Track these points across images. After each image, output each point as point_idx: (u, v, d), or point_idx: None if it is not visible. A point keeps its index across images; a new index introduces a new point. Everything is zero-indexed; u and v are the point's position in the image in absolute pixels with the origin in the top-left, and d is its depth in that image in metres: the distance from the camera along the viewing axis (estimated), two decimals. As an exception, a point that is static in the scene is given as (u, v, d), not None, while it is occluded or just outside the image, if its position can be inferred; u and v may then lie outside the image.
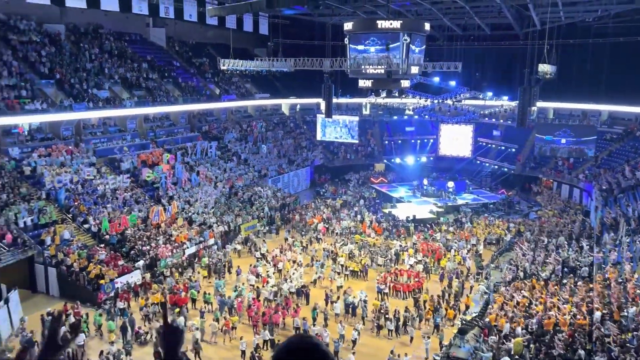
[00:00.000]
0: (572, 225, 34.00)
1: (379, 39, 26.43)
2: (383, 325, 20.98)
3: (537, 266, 26.10)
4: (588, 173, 41.21)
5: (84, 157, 31.71)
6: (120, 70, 38.77)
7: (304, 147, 50.02)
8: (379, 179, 48.91)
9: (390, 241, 32.04)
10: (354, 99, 49.34)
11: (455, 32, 44.70)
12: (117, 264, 24.57)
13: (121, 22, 41.90)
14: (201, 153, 39.16)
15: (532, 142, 47.11)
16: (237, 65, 35.36)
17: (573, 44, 42.45)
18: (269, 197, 37.96)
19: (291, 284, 24.21)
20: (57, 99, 32.54)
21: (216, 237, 30.39)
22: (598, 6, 35.60)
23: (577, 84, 41.59)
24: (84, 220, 27.37)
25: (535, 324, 18.94)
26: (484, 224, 35.78)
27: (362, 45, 27.26)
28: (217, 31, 47.08)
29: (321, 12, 41.55)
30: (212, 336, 20.21)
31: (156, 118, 40.30)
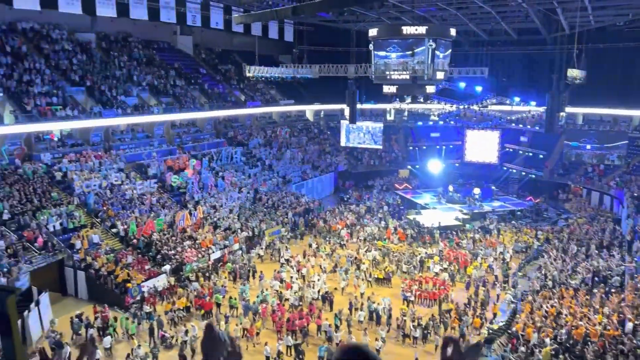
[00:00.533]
0: (602, 233, 33.19)
1: (404, 45, 26.34)
2: (408, 333, 20.77)
3: (567, 275, 25.54)
4: (619, 180, 40.22)
5: (112, 163, 32.35)
6: (148, 77, 39.51)
7: (327, 152, 50.07)
8: (403, 185, 48.57)
9: (416, 248, 31.76)
10: (378, 105, 49.21)
11: (481, 37, 44.31)
12: (144, 268, 24.94)
13: (149, 30, 42.73)
14: (226, 159, 39.54)
15: (560, 148, 46.25)
16: (262, 72, 35.71)
17: (603, 48, 41.59)
18: (292, 203, 38.06)
19: (314, 290, 24.18)
20: (87, 105, 33.32)
21: (241, 242, 30.59)
22: (629, 10, 34.88)
23: (607, 88, 40.71)
24: (112, 224, 27.87)
25: (565, 334, 18.52)
26: (511, 231, 35.19)
27: (386, 51, 27.21)
28: (243, 38, 47.61)
29: (346, 18, 41.67)
30: (235, 340, 20.22)
31: (183, 124, 40.89)
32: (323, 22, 45.47)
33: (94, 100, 33.95)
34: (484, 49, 43.45)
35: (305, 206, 38.41)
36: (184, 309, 22.39)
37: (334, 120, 53.69)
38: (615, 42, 41.86)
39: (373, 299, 23.24)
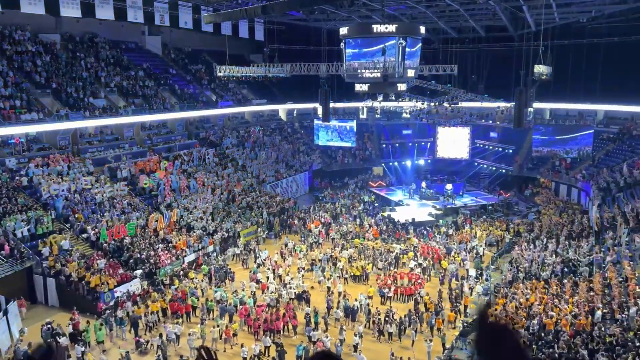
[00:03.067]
0: (571, 225, 34.00)
1: (375, 43, 26.51)
2: (383, 330, 20.90)
3: (537, 266, 26.09)
4: (586, 173, 41.26)
5: (81, 166, 31.64)
6: (116, 78, 38.78)
7: (301, 152, 50.02)
8: (377, 182, 48.90)
9: (391, 245, 32.01)
10: (350, 103, 49.41)
11: (450, 34, 44.88)
12: (117, 273, 24.49)
13: (117, 30, 41.94)
14: (199, 160, 39.11)
15: (529, 143, 47.20)
16: (234, 71, 35.38)
17: (568, 45, 42.60)
18: (267, 203, 37.89)
19: (291, 290, 24.14)
20: (54, 108, 32.51)
21: (215, 244, 30.32)
22: (592, 7, 35.81)
23: (572, 84, 41.69)
24: (82, 229, 27.27)
25: (537, 325, 18.90)
26: (483, 225, 35.79)
27: (357, 50, 27.34)
28: (213, 38, 47.15)
29: (316, 17, 41.69)
30: (212, 343, 20.12)
31: (153, 126, 40.29)
32: (294, 21, 45.40)
33: (60, 103, 33.15)
34: (453, 46, 44.00)
35: (281, 206, 38.31)
36: (158, 313, 22.07)
37: (307, 119, 53.67)
38: (579, 38, 42.91)
39: (348, 297, 23.34)
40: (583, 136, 43.82)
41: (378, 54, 26.38)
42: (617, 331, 16.64)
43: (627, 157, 39.55)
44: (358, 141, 50.48)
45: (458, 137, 49.99)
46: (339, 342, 19.47)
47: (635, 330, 16.84)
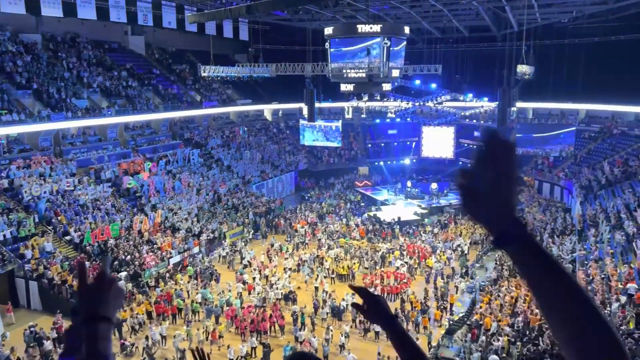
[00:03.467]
0: (554, 223, 34.43)
1: (360, 43, 26.59)
2: (370, 328, 20.96)
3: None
4: (568, 171, 41.83)
5: (64, 168, 31.24)
6: (99, 79, 38.34)
7: (287, 152, 49.96)
8: (363, 182, 49.02)
9: (377, 244, 32.12)
10: (336, 103, 49.46)
11: (434, 34, 45.18)
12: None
13: (99, 30, 41.47)
14: (183, 160, 38.85)
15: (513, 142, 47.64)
16: (218, 71, 35.23)
17: (550, 45, 43.17)
18: (254, 203, 37.78)
19: (277, 290, 24.10)
20: (35, 109, 32.05)
21: (201, 245, 30.15)
22: (573, 7, 36.33)
23: (554, 83, 42.25)
24: (65, 231, 26.93)
25: (521, 322, 19.10)
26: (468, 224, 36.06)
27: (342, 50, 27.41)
28: (197, 38, 46.89)
29: (301, 17, 41.68)
30: (199, 344, 19.99)
31: (137, 126, 39.91)
32: (278, 21, 45.33)
33: (42, 104, 32.68)
34: (437, 46, 44.31)
35: (267, 206, 38.22)
36: (144, 315, 21.90)
37: (293, 119, 53.60)
38: (560, 38, 43.49)
39: (334, 296, 23.38)
40: (566, 134, 44.41)
41: (360, 54, 26.48)
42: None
43: (608, 155, 40.19)
44: (344, 141, 50.54)
45: (443, 136, 50.30)
46: (325, 341, 19.49)
47: (617, 325, 17.10)
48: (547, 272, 1.19)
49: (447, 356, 18.70)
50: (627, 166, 35.45)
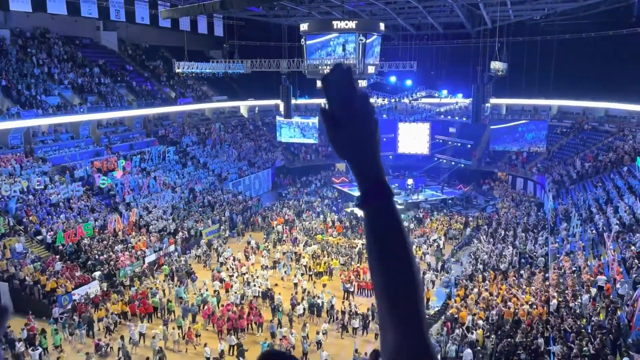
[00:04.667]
0: (527, 217, 35.07)
1: (336, 40, 26.60)
2: (347, 324, 21.05)
3: (496, 258, 26.80)
4: (540, 166, 42.61)
5: (34, 166, 30.54)
6: (70, 75, 37.55)
7: (264, 148, 49.74)
8: (340, 178, 49.13)
9: (353, 240, 32.24)
10: (312, 100, 49.40)
11: (409, 31, 45.46)
12: (74, 275, 23.78)
13: (70, 25, 40.55)
14: (158, 158, 38.35)
15: (487, 137, 48.36)
16: (193, 67, 34.89)
17: (522, 42, 43.83)
18: (230, 201, 37.54)
19: (255, 288, 24.02)
20: (4, 106, 31.24)
21: (176, 244, 29.85)
22: (545, 4, 36.93)
23: (527, 80, 42.92)
24: (36, 231, 26.35)
25: (495, 315, 19.42)
26: (444, 219, 36.49)
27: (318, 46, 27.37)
28: (171, 33, 46.27)
29: (276, 13, 41.47)
30: (175, 344, 19.84)
31: (110, 124, 39.21)
32: (253, 17, 45.02)
33: (11, 101, 31.86)
34: (413, 43, 44.58)
35: (243, 204, 38.02)
36: (119, 315, 21.61)
37: (269, 115, 53.37)
38: (533, 35, 44.19)
39: (312, 293, 23.40)
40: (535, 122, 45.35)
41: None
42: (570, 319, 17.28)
43: (579, 150, 41.07)
44: (320, 137, 50.56)
45: (418, 132, 50.65)
46: (303, 338, 19.50)
47: (587, 317, 17.52)
48: (392, 239, 1.34)
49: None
50: (597, 161, 36.29)
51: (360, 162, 1.44)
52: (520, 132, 45.67)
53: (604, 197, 28.73)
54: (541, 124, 45.14)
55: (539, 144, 44.52)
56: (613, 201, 27.27)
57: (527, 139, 45.20)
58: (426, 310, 15.85)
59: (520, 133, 45.63)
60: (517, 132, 45.85)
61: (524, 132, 45.41)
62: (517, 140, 45.74)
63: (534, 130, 45.02)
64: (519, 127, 45.86)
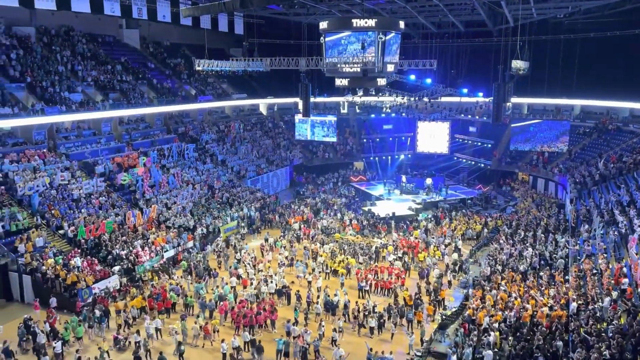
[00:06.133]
0: (548, 219, 34.55)
1: (355, 38, 26.50)
2: (364, 323, 21.01)
3: (515, 260, 26.47)
4: (562, 167, 41.94)
5: (57, 162, 31.11)
6: (93, 72, 38.14)
7: (282, 146, 49.89)
8: (358, 177, 49.08)
9: (371, 239, 32.16)
10: (331, 98, 49.35)
11: (430, 29, 45.09)
12: (94, 270, 24.18)
13: (93, 23, 41.20)
14: (178, 155, 38.75)
15: (507, 137, 47.78)
16: (213, 65, 35.04)
17: (545, 40, 43.20)
18: (248, 198, 37.75)
19: (271, 285, 24.12)
20: (29, 102, 31.87)
21: (195, 240, 30.13)
22: (569, 2, 36.30)
23: (550, 79, 42.32)
24: (58, 226, 26.86)
25: (514, 317, 19.19)
26: (462, 219, 36.16)
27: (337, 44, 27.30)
28: (192, 31, 46.69)
29: (296, 11, 41.52)
30: (194, 339, 20.05)
31: (131, 120, 39.76)
32: (273, 15, 45.14)
33: (35, 97, 32.49)
34: (433, 41, 44.21)
35: (261, 201, 38.20)
36: (138, 310, 21.89)
37: (288, 113, 53.54)
38: (556, 34, 43.51)
39: (328, 292, 23.41)
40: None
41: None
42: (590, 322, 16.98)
43: (602, 151, 40.30)
44: (339, 136, 50.57)
45: (438, 131, 50.35)
46: (318, 336, 19.53)
47: (608, 321, 17.20)
48: None
49: (439, 351, 18.78)
50: (621, 162, 35.57)
51: None
52: (531, 131, 45.17)
53: (627, 199, 28.16)
54: (555, 124, 44.53)
55: (551, 144, 43.97)
56: (637, 203, 26.71)
57: (538, 138, 44.69)
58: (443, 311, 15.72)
59: (532, 133, 45.13)
60: (529, 131, 45.35)
61: (535, 131, 44.91)
62: (529, 140, 45.26)
63: (546, 130, 44.47)
64: (530, 127, 45.39)
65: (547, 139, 44.35)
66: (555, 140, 43.96)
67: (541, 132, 44.70)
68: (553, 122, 45.22)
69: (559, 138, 43.89)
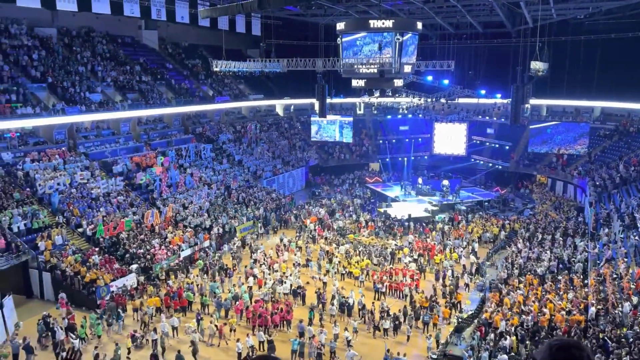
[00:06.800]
0: (566, 222, 34.11)
1: (372, 39, 26.47)
2: (379, 325, 20.95)
3: (533, 263, 26.18)
4: (582, 169, 41.35)
5: (77, 161, 31.57)
6: (112, 73, 38.64)
7: (298, 147, 49.98)
8: (374, 178, 48.94)
9: (386, 240, 32.05)
10: (347, 99, 49.30)
11: (447, 30, 44.81)
12: (112, 268, 24.49)
13: (113, 24, 41.72)
14: (195, 155, 39.06)
15: (525, 139, 47.27)
16: (230, 66, 35.23)
17: (565, 41, 42.63)
18: (264, 198, 37.90)
19: (286, 285, 24.17)
20: (50, 102, 32.40)
21: (211, 239, 30.33)
22: (589, 3, 35.81)
23: (569, 80, 41.76)
24: (77, 224, 27.25)
25: (531, 321, 18.99)
26: (479, 221, 35.85)
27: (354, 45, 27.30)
28: (210, 32, 47.01)
29: (313, 12, 41.60)
30: (210, 338, 20.19)
31: (149, 120, 40.18)
32: (291, 16, 45.26)
33: (56, 97, 33.02)
34: (451, 42, 43.92)
35: (277, 201, 38.31)
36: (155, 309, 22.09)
37: (304, 114, 53.60)
38: (576, 34, 42.92)
39: (343, 292, 23.40)
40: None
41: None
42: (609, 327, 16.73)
43: (623, 153, 39.65)
44: (355, 137, 50.49)
45: (455, 133, 49.99)
46: (333, 337, 19.53)
47: (628, 326, 16.94)
48: None
49: (455, 354, 18.66)
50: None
51: None
52: (549, 133, 44.64)
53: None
54: (573, 126, 43.99)
55: (570, 146, 43.46)
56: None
57: (557, 140, 44.18)
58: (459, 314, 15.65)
59: (550, 134, 44.61)
60: (547, 133, 44.84)
61: (553, 133, 44.38)
62: (546, 142, 44.77)
63: (564, 132, 43.94)
64: (547, 129, 44.89)
65: (565, 141, 43.82)
66: (574, 142, 43.40)
67: (559, 134, 44.21)
68: (572, 124, 44.69)
69: (577, 140, 43.33)
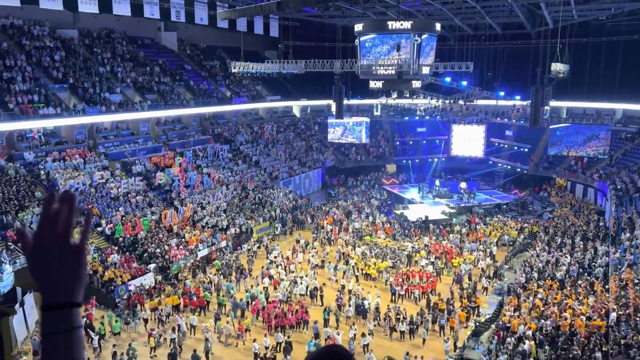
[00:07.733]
0: (586, 226, 33.59)
1: (390, 40, 26.40)
2: (396, 328, 20.85)
3: (552, 267, 25.83)
4: (602, 173, 40.71)
5: (97, 161, 32.00)
6: (132, 74, 39.10)
7: (315, 148, 50.02)
8: (390, 180, 48.76)
9: (402, 242, 31.90)
10: (364, 100, 49.21)
11: (466, 31, 44.52)
12: (130, 267, 24.76)
13: (133, 26, 42.24)
14: (213, 156, 39.33)
15: (545, 141, 46.70)
16: (248, 67, 35.44)
17: (586, 43, 42.03)
18: (280, 199, 38.01)
19: (302, 286, 24.19)
20: (71, 103, 32.90)
21: (228, 240, 30.49)
22: (611, 4, 35.26)
23: (590, 82, 41.14)
24: (97, 223, 27.60)
25: (550, 326, 18.73)
26: (497, 224, 35.48)
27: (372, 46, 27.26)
28: (228, 34, 47.33)
29: (331, 13, 41.64)
30: (226, 338, 20.29)
31: (168, 121, 40.58)
32: (309, 17, 45.34)
33: (77, 98, 33.53)
34: (469, 43, 43.61)
35: (293, 202, 38.37)
36: (173, 308, 22.27)
37: (321, 116, 53.62)
38: (598, 36, 42.30)
39: (359, 294, 23.33)
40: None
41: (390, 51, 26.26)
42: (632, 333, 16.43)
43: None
44: (372, 138, 50.35)
45: (473, 135, 49.57)
46: (350, 339, 19.47)
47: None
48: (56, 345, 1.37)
49: (472, 358, 18.48)
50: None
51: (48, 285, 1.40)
52: (570, 135, 44.07)
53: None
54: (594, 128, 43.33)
55: (590, 148, 42.81)
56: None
57: (576, 142, 43.62)
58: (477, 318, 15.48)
59: (570, 137, 44.02)
60: (567, 135, 44.26)
61: (573, 135, 43.81)
62: (566, 144, 44.22)
63: (584, 134, 43.33)
64: (556, 131, 44.38)
65: (584, 143, 43.20)
66: (584, 144, 42.87)
67: (569, 135, 43.63)
68: (592, 127, 44.01)
69: (587, 143, 42.79)
